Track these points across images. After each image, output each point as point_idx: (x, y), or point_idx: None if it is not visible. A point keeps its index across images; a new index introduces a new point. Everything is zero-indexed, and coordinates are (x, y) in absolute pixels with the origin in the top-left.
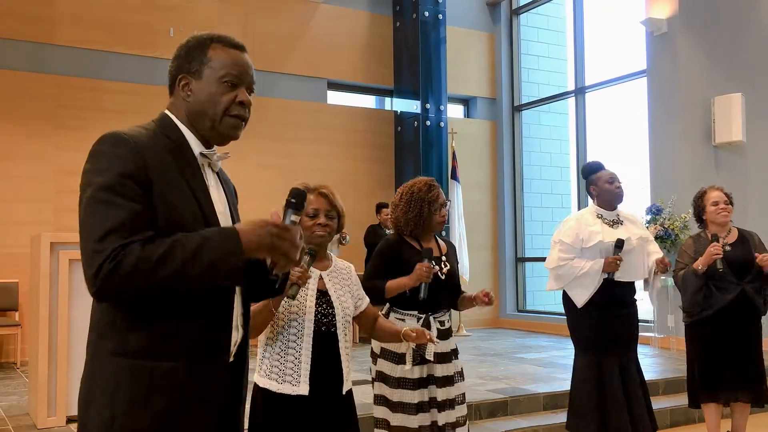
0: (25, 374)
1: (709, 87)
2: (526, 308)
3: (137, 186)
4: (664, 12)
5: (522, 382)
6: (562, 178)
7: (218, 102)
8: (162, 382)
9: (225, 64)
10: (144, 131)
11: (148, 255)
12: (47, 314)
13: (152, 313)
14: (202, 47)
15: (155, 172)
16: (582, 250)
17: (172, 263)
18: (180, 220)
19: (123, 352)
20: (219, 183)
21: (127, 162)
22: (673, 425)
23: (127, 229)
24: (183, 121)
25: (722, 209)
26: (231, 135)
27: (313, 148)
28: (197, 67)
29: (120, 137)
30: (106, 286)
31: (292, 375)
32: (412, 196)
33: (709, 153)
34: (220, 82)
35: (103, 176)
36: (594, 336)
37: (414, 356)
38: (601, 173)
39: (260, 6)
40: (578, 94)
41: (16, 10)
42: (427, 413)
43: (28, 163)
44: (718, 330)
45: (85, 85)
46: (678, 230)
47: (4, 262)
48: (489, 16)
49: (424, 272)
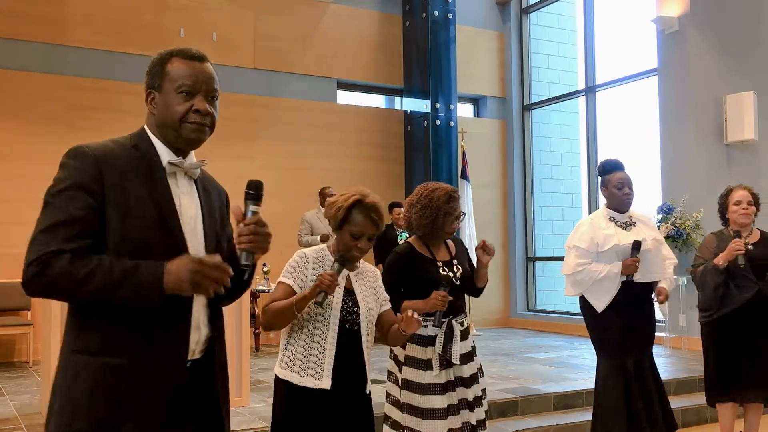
0: (38, 373)
1: (721, 85)
2: (537, 308)
3: (87, 196)
4: (675, 10)
5: (532, 381)
6: (573, 177)
7: (175, 111)
8: (112, 377)
9: (180, 75)
10: (112, 145)
11: (72, 271)
12: (59, 314)
13: (102, 313)
14: (163, 62)
15: (111, 183)
16: (598, 255)
17: (93, 285)
18: (135, 225)
19: (80, 349)
20: (195, 190)
21: (81, 173)
22: (685, 425)
23: (61, 233)
24: (154, 133)
25: (743, 209)
26: (194, 139)
27: (323, 148)
28: (159, 81)
29: (80, 150)
30: (30, 286)
31: (315, 369)
32: (430, 202)
33: (720, 151)
34: (176, 93)
35: (57, 185)
36: (618, 337)
37: (441, 361)
38: (613, 176)
39: (270, 6)
40: (589, 93)
41: (27, 11)
42: (457, 416)
43: (38, 163)
44: (734, 329)
45: (96, 85)
46: (689, 229)
47: (17, 262)
48: (499, 15)
49: (439, 302)
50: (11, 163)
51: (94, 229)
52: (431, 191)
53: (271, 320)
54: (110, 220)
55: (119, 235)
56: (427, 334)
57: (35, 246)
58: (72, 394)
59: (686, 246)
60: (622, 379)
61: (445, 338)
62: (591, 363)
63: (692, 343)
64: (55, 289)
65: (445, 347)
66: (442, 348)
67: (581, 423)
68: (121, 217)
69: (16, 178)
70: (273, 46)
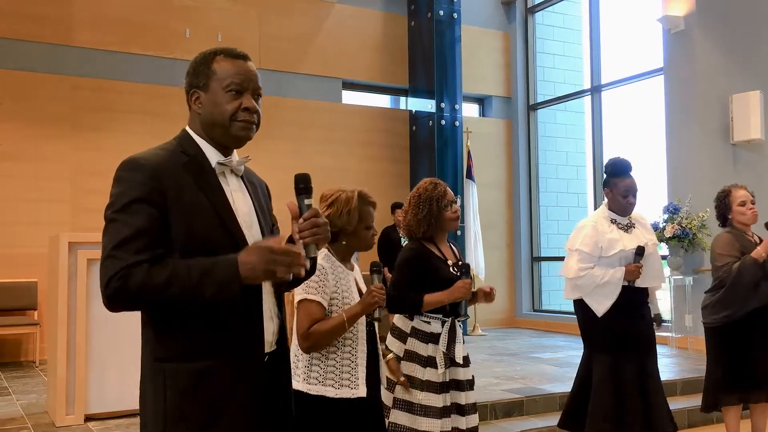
0: (44, 373)
1: (727, 84)
2: (542, 308)
3: (151, 207)
4: (681, 9)
5: (538, 381)
6: (578, 177)
7: (225, 110)
8: (201, 381)
9: (229, 74)
10: (162, 152)
11: (152, 279)
12: (66, 313)
13: (179, 318)
14: (207, 62)
15: (171, 192)
16: (600, 258)
17: (175, 288)
18: (199, 230)
19: (164, 357)
20: (243, 186)
21: (142, 186)
22: (691, 426)
23: (132, 247)
24: (199, 134)
25: (751, 208)
26: (243, 137)
27: (328, 148)
28: (204, 80)
29: (136, 162)
30: (114, 301)
31: (349, 378)
32: (420, 197)
33: (727, 151)
34: (225, 92)
35: (119, 200)
36: (617, 340)
37: (445, 359)
38: (621, 182)
39: (275, 6)
40: (594, 93)
41: (33, 12)
42: (449, 418)
43: (45, 163)
44: (754, 328)
45: (102, 86)
46: (695, 229)
47: (23, 262)
48: (504, 15)
49: (465, 290)
50: (17, 163)
51: (161, 238)
52: (416, 189)
53: (323, 342)
54: (174, 227)
55: (184, 240)
56: (429, 331)
57: (111, 263)
58: (163, 402)
59: (692, 246)
60: (615, 381)
61: (449, 338)
62: None
63: (698, 344)
64: (140, 299)
65: (449, 346)
66: (446, 346)
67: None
68: (184, 223)
69: (23, 178)
70: (278, 47)
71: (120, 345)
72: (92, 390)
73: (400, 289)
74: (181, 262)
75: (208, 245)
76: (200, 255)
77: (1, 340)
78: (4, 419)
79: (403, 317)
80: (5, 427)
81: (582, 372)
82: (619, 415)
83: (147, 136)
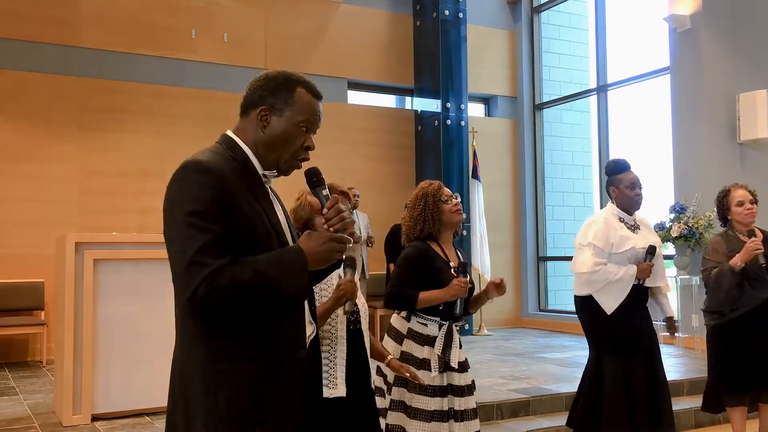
0: (51, 373)
1: (734, 84)
2: (548, 308)
3: (222, 210)
4: (687, 8)
5: (544, 381)
6: (584, 176)
7: (291, 144)
8: (246, 383)
9: (307, 111)
10: (218, 156)
11: (238, 280)
12: (72, 313)
13: (228, 323)
14: (290, 88)
15: (235, 196)
16: (610, 255)
17: (260, 285)
18: (259, 234)
19: (215, 359)
20: (275, 197)
21: (213, 189)
22: (698, 426)
23: (214, 252)
24: (249, 145)
25: (748, 209)
26: (287, 172)
27: (334, 148)
28: (281, 105)
29: (205, 165)
30: (204, 306)
31: (327, 378)
32: (416, 197)
33: (734, 150)
34: (298, 126)
35: (193, 202)
36: (625, 338)
37: (439, 363)
38: (623, 176)
39: (281, 6)
40: (600, 92)
41: (41, 13)
42: (445, 423)
43: (53, 164)
44: (749, 329)
45: (109, 86)
46: (702, 229)
47: (30, 262)
48: (509, 14)
49: (462, 288)
50: (25, 164)
51: (233, 241)
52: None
53: None
54: (239, 231)
55: (247, 244)
56: (426, 333)
57: (197, 269)
58: (217, 402)
59: (699, 245)
60: (627, 379)
61: (445, 341)
62: None
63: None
64: (229, 300)
65: (444, 349)
66: (442, 350)
67: None
68: (247, 228)
69: (30, 179)
70: (284, 47)
71: (127, 345)
72: (99, 390)
73: (397, 285)
74: (256, 259)
75: (265, 251)
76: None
77: (9, 340)
78: (11, 419)
79: (400, 318)
80: (12, 427)
81: (592, 372)
82: (631, 416)
83: (153, 136)
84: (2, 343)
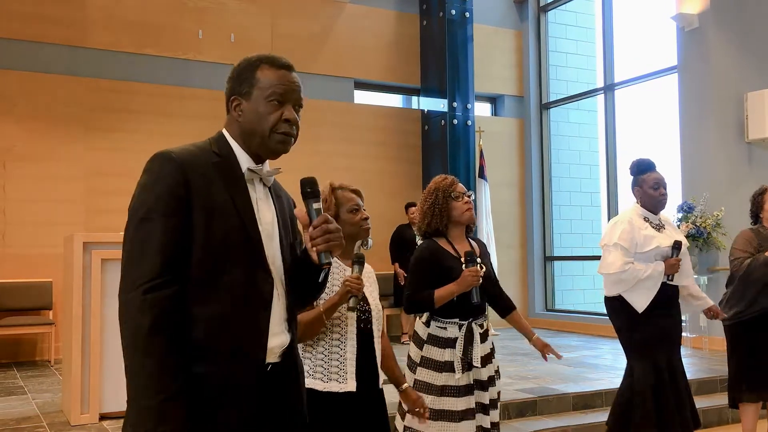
0: (59, 372)
1: (742, 82)
2: (555, 307)
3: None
4: (695, 7)
5: (551, 381)
6: (591, 176)
7: (266, 120)
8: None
9: (272, 83)
10: (193, 149)
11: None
12: (80, 313)
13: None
14: (251, 69)
15: (195, 186)
16: (635, 255)
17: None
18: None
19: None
20: (269, 196)
21: (169, 178)
22: (707, 426)
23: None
24: (236, 139)
25: None
26: (279, 150)
27: (340, 148)
28: (247, 88)
29: (166, 155)
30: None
31: (338, 373)
32: (429, 192)
33: (741, 149)
34: (267, 101)
35: (146, 193)
36: (653, 337)
37: (462, 363)
38: (647, 176)
39: (287, 7)
40: (607, 91)
41: (48, 14)
42: (473, 420)
43: (60, 164)
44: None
45: (116, 87)
46: (710, 228)
47: (38, 262)
48: (516, 14)
49: (473, 278)
50: (32, 164)
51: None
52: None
53: (305, 334)
54: (196, 222)
55: (204, 237)
56: (446, 336)
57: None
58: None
59: (707, 245)
60: (657, 380)
61: (465, 341)
62: (610, 363)
63: (713, 343)
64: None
65: (465, 349)
66: (462, 351)
67: (600, 423)
68: (206, 220)
69: (37, 179)
70: (290, 47)
71: None
72: (107, 389)
73: (413, 290)
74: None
75: (225, 247)
76: (216, 254)
77: (17, 339)
78: (19, 418)
79: (422, 324)
80: (21, 426)
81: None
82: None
83: (161, 136)
84: (11, 342)
